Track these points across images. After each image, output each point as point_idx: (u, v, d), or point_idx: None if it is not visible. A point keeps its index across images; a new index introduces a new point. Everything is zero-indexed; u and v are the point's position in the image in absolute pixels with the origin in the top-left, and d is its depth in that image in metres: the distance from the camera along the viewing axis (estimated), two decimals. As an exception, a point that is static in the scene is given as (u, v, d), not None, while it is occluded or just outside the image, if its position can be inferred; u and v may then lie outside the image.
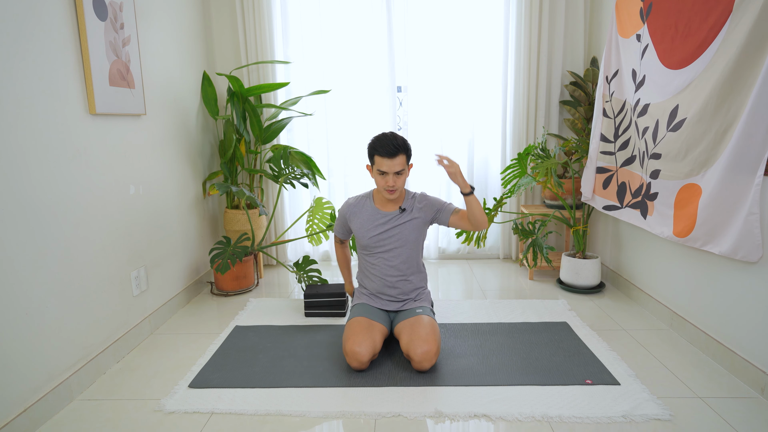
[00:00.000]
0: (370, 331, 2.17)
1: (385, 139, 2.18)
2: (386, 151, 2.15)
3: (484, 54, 3.62)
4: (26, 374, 1.79)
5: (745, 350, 2.05)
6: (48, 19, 1.93)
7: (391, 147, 2.15)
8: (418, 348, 2.08)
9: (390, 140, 2.17)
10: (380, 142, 2.19)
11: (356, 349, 2.09)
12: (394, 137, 2.19)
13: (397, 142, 2.17)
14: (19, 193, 1.77)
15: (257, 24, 3.46)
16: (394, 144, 2.16)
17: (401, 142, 2.19)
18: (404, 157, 2.19)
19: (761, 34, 1.82)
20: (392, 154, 2.15)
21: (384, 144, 2.17)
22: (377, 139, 2.21)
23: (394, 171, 2.17)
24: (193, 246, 3.22)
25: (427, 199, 2.34)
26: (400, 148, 2.17)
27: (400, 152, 2.17)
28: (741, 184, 1.95)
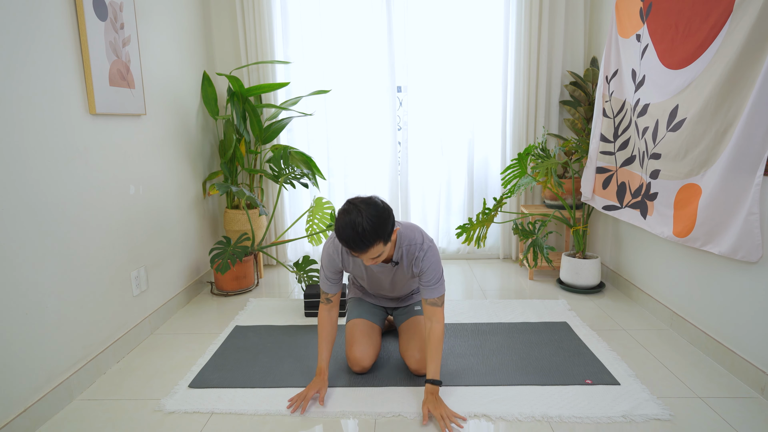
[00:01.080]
0: (371, 337, 2.15)
1: (347, 227, 1.67)
2: (350, 246, 1.70)
3: (484, 54, 3.62)
4: (26, 374, 1.79)
5: (745, 350, 2.05)
6: (48, 19, 1.93)
7: (354, 242, 1.68)
8: (413, 357, 2.07)
9: (352, 230, 1.66)
10: (340, 229, 1.69)
11: (358, 356, 2.09)
12: (360, 223, 1.65)
13: (363, 233, 1.65)
14: (19, 193, 1.77)
15: (257, 24, 3.46)
16: (359, 237, 1.66)
17: (369, 230, 1.66)
18: (379, 243, 1.71)
19: (761, 34, 1.82)
20: (358, 250, 1.71)
21: (345, 236, 1.68)
22: (338, 226, 1.69)
23: (370, 258, 1.76)
24: (193, 246, 3.22)
25: (422, 261, 1.90)
26: (370, 240, 1.68)
27: (371, 245, 1.69)
28: (741, 184, 1.95)
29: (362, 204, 1.72)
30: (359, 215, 1.67)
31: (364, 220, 1.66)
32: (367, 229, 1.66)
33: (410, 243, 1.92)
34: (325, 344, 2.01)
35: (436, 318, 1.90)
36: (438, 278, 1.90)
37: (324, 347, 2.01)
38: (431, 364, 1.89)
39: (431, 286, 1.90)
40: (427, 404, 1.83)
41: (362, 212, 1.68)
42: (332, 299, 2.04)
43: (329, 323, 2.03)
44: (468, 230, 3.22)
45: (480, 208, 3.80)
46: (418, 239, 1.92)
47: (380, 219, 1.70)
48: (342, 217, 1.70)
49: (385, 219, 1.72)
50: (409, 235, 1.93)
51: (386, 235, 1.72)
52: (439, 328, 1.89)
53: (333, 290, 2.03)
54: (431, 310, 1.90)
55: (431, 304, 1.90)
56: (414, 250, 1.92)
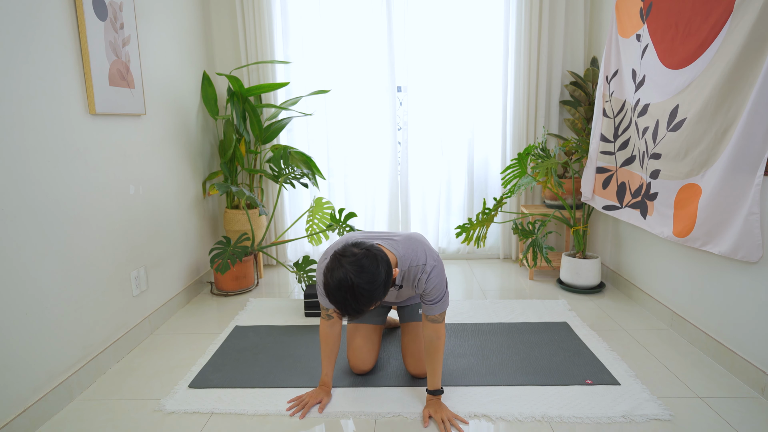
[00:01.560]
0: (371, 340, 2.15)
1: (341, 303, 1.52)
2: (347, 315, 1.57)
3: (484, 54, 3.62)
4: (26, 374, 1.79)
5: (745, 350, 2.05)
6: (48, 19, 1.93)
7: (351, 314, 1.55)
8: (412, 364, 2.07)
9: (347, 306, 1.52)
10: (333, 302, 1.54)
11: (359, 363, 2.10)
12: (354, 301, 1.50)
13: (359, 308, 1.52)
14: (19, 193, 1.77)
15: (257, 24, 3.46)
16: (355, 311, 1.53)
17: (365, 304, 1.52)
18: (378, 304, 1.59)
19: (761, 34, 1.82)
20: (358, 317, 1.57)
21: (340, 309, 1.54)
22: (329, 294, 1.53)
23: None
24: (193, 246, 3.22)
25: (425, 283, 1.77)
26: (368, 308, 1.55)
27: (370, 308, 1.56)
28: (741, 184, 1.95)
29: (351, 267, 1.51)
30: (352, 293, 1.49)
31: (360, 296, 1.50)
32: (363, 304, 1.51)
33: (411, 264, 1.78)
34: (327, 359, 1.96)
35: (436, 334, 1.82)
36: (440, 297, 1.79)
37: (327, 362, 1.96)
38: (432, 376, 1.85)
39: (433, 304, 1.79)
40: (428, 409, 1.83)
41: (355, 287, 1.49)
42: (333, 315, 1.92)
43: (332, 338, 1.94)
44: (468, 230, 3.22)
45: (480, 208, 3.80)
46: (421, 259, 1.77)
47: (375, 284, 1.52)
48: (335, 289, 1.51)
49: (380, 287, 1.53)
50: (411, 255, 1.77)
51: (383, 294, 1.56)
52: (439, 343, 1.82)
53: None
54: (432, 327, 1.82)
55: (432, 320, 1.82)
56: (416, 271, 1.78)
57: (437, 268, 1.77)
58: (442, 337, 1.83)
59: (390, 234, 1.88)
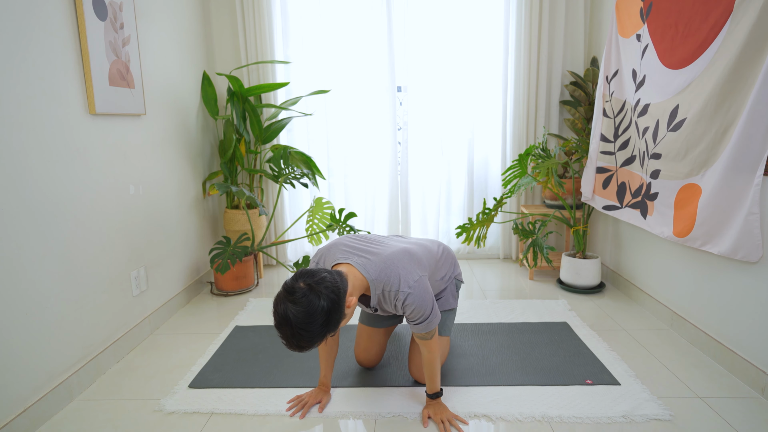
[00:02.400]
0: (377, 341, 2.15)
1: (286, 334, 1.44)
2: (293, 350, 1.48)
3: (484, 54, 3.62)
4: (26, 374, 1.79)
5: (745, 350, 2.05)
6: (48, 19, 1.93)
7: (296, 349, 1.46)
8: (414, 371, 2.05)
9: (292, 338, 1.43)
10: (279, 332, 1.45)
11: (363, 359, 2.16)
12: (294, 336, 1.42)
13: (300, 345, 1.44)
14: (19, 193, 1.77)
15: (257, 24, 3.46)
16: (297, 347, 1.45)
17: (305, 340, 1.43)
18: (328, 336, 1.49)
19: (761, 34, 1.82)
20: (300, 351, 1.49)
21: (287, 340, 1.45)
22: (274, 323, 1.46)
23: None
24: (193, 246, 3.22)
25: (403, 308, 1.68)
26: (315, 344, 1.47)
27: (314, 346, 1.47)
28: (741, 184, 1.95)
29: (294, 309, 1.41)
30: (290, 329, 1.42)
31: (298, 334, 1.42)
32: (306, 342, 1.44)
33: (384, 289, 1.68)
34: (326, 362, 1.95)
35: (427, 349, 1.77)
36: (425, 317, 1.69)
37: (325, 365, 1.96)
38: (430, 382, 1.83)
39: (417, 324, 1.71)
40: (428, 409, 1.83)
41: (293, 325, 1.41)
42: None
43: (329, 342, 1.93)
44: (468, 230, 3.22)
45: (480, 208, 3.80)
46: (395, 285, 1.66)
47: (313, 327, 1.42)
48: (275, 314, 1.45)
49: (324, 322, 1.44)
50: (384, 279, 1.67)
51: (327, 329, 1.46)
52: (432, 357, 1.79)
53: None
54: (421, 343, 1.78)
55: (420, 338, 1.76)
56: (390, 297, 1.68)
57: (413, 295, 1.65)
58: (435, 351, 1.78)
59: (375, 248, 1.78)
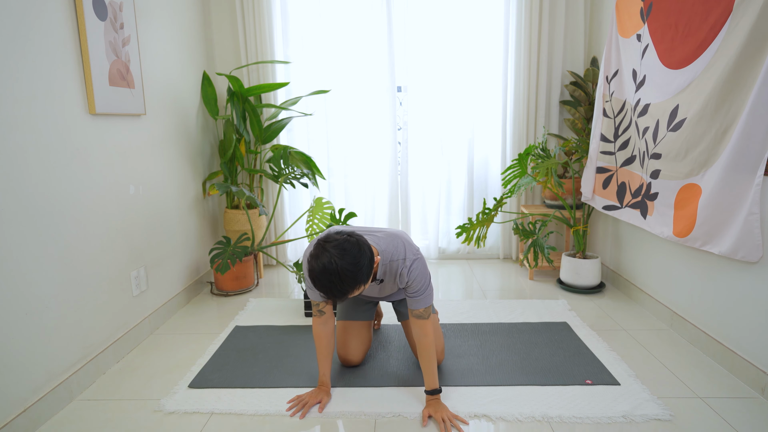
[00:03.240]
0: (359, 336, 2.17)
1: (326, 287, 1.55)
2: (331, 299, 1.61)
3: (484, 54, 3.62)
4: (26, 374, 1.79)
5: (745, 350, 2.05)
6: (48, 19, 1.93)
7: (335, 297, 1.57)
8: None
9: (332, 289, 1.55)
10: (319, 286, 1.57)
11: (348, 357, 2.16)
12: (339, 283, 1.54)
13: (344, 289, 1.55)
14: (19, 193, 1.77)
15: (257, 24, 3.46)
16: (340, 293, 1.56)
17: (350, 286, 1.55)
18: (361, 287, 1.60)
19: (761, 33, 1.82)
20: (341, 299, 1.61)
21: (325, 293, 1.57)
22: (314, 279, 1.57)
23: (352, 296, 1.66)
24: (193, 246, 3.22)
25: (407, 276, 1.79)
26: (352, 291, 1.58)
27: (352, 292, 1.59)
28: (741, 184, 1.95)
29: (337, 255, 1.54)
30: (338, 277, 1.53)
31: (345, 279, 1.53)
32: (347, 286, 1.55)
33: (392, 259, 1.81)
34: (324, 358, 1.96)
35: (423, 331, 1.83)
36: (424, 289, 1.80)
37: (324, 361, 1.96)
38: (427, 376, 1.84)
39: (416, 297, 1.81)
40: (428, 408, 1.83)
41: (340, 271, 1.53)
42: (324, 310, 1.92)
43: (325, 337, 1.94)
44: (468, 230, 3.22)
45: (480, 208, 3.80)
46: (401, 253, 1.80)
47: (360, 270, 1.56)
48: (320, 274, 1.55)
49: (363, 270, 1.57)
50: (391, 250, 1.81)
51: (366, 276, 1.60)
52: (427, 341, 1.83)
53: (322, 297, 1.89)
54: (418, 325, 1.83)
55: (417, 316, 1.83)
56: (396, 266, 1.81)
57: (417, 261, 1.80)
58: (430, 335, 1.83)
59: (372, 230, 1.91)
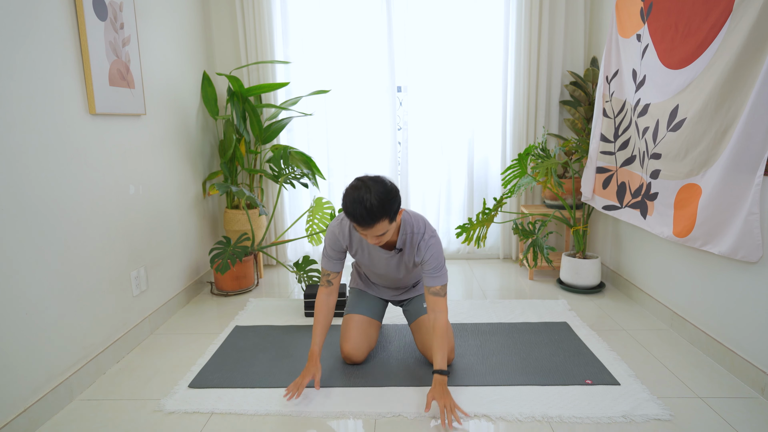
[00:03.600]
0: (366, 333, 2.19)
1: (355, 202, 1.72)
2: (357, 220, 1.74)
3: (484, 54, 3.62)
4: (26, 374, 1.79)
5: (745, 350, 2.05)
6: (48, 19, 1.93)
7: (362, 216, 1.72)
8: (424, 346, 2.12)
9: (360, 205, 1.71)
10: (348, 204, 1.74)
11: (350, 352, 2.15)
12: (368, 198, 1.70)
13: (371, 208, 1.70)
14: (19, 193, 1.77)
15: (257, 24, 3.46)
16: (366, 211, 1.70)
17: (377, 206, 1.70)
18: (385, 220, 1.75)
19: (761, 34, 1.82)
20: (365, 224, 1.74)
21: (353, 211, 1.73)
22: (346, 199, 1.76)
23: (375, 235, 1.79)
24: (193, 246, 3.22)
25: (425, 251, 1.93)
26: (376, 216, 1.72)
27: (377, 220, 1.73)
28: (741, 184, 1.95)
29: (371, 181, 1.77)
30: (368, 192, 1.72)
31: (372, 196, 1.71)
32: (374, 204, 1.70)
33: (413, 231, 1.96)
34: (320, 329, 2.03)
35: (439, 308, 1.93)
36: (440, 266, 1.94)
37: (318, 332, 2.02)
38: (438, 355, 1.89)
39: (433, 275, 1.93)
40: (433, 393, 1.82)
41: (371, 189, 1.73)
42: (332, 281, 2.05)
43: (326, 308, 2.04)
44: (468, 230, 3.22)
45: (480, 208, 3.80)
46: (422, 229, 1.96)
47: (388, 196, 1.74)
48: (351, 192, 1.75)
49: (392, 197, 1.76)
50: (414, 223, 1.97)
51: (392, 213, 1.77)
52: (443, 318, 1.93)
53: (335, 268, 2.05)
54: (434, 301, 1.94)
55: (434, 293, 1.94)
56: (417, 238, 1.95)
57: (435, 238, 1.96)
58: (445, 311, 1.95)
59: None
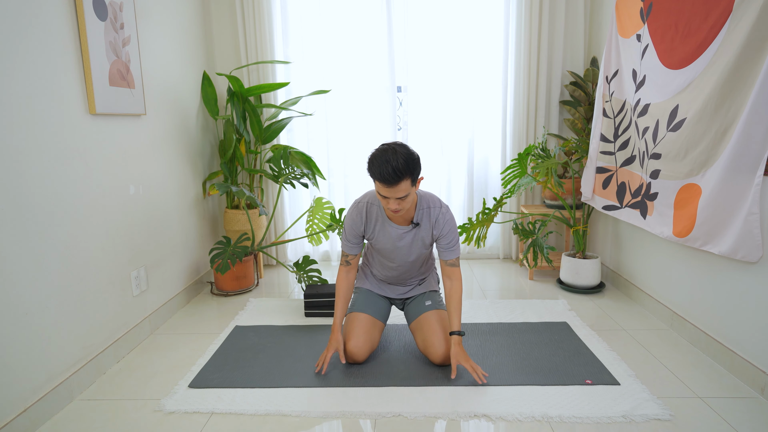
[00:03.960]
0: (370, 333, 2.20)
1: (382, 162, 1.84)
2: (383, 178, 1.84)
3: (484, 54, 3.62)
4: (26, 374, 1.79)
5: (745, 350, 2.05)
6: (48, 19, 1.93)
7: (388, 174, 1.82)
8: (436, 353, 2.13)
9: (387, 164, 1.82)
10: (375, 164, 1.86)
11: (354, 351, 2.16)
12: (394, 158, 1.82)
13: (397, 166, 1.81)
14: (19, 193, 1.77)
15: (257, 24, 3.46)
16: (392, 169, 1.82)
17: (402, 164, 1.82)
18: (408, 180, 1.86)
19: (761, 33, 1.82)
20: (390, 182, 1.84)
21: (380, 169, 1.84)
22: (373, 160, 1.88)
23: (396, 197, 1.89)
24: (193, 246, 3.22)
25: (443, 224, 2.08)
26: (401, 174, 1.83)
27: (402, 178, 1.84)
28: (741, 184, 1.95)
29: (396, 145, 1.91)
30: (394, 153, 1.85)
31: (398, 156, 1.84)
32: (401, 162, 1.83)
33: (430, 205, 2.10)
34: (341, 303, 2.20)
35: (456, 276, 2.13)
36: (456, 240, 2.12)
37: (340, 306, 2.20)
38: (454, 318, 2.08)
39: (450, 248, 2.12)
40: (457, 357, 2.02)
41: (396, 150, 1.86)
42: (351, 262, 2.22)
43: (346, 283, 2.22)
44: (468, 230, 3.22)
45: (480, 208, 3.80)
46: (437, 203, 2.11)
47: (412, 158, 1.88)
48: (379, 154, 1.88)
49: (416, 160, 1.90)
50: (429, 198, 2.12)
51: (415, 175, 1.90)
52: (459, 285, 2.13)
53: (354, 251, 2.21)
54: (450, 271, 2.13)
55: (450, 265, 2.13)
56: (434, 212, 2.09)
57: (451, 213, 2.13)
58: (461, 279, 2.15)
59: None
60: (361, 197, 2.18)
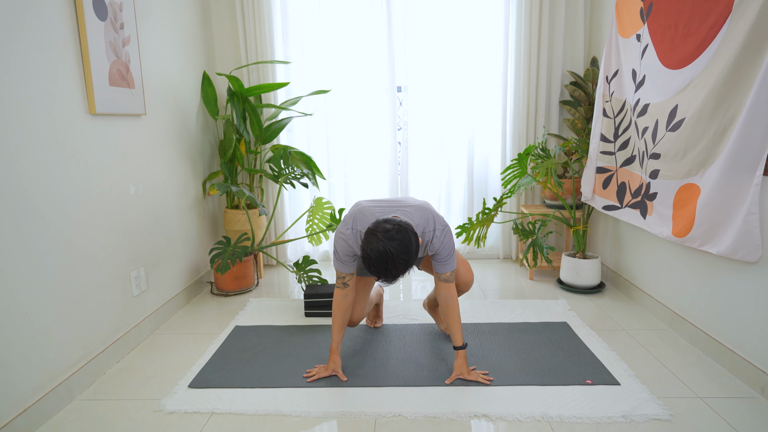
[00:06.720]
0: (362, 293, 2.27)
1: (381, 270, 1.77)
2: (383, 281, 1.83)
3: (484, 54, 3.62)
4: (26, 374, 1.79)
5: (745, 350, 2.05)
6: (48, 19, 1.93)
7: (388, 280, 1.81)
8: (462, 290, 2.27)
9: (386, 272, 1.77)
10: (374, 270, 1.78)
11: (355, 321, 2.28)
12: (393, 267, 1.75)
13: (397, 274, 1.78)
14: (19, 193, 1.77)
15: (257, 24, 3.46)
16: (393, 277, 1.79)
17: (402, 270, 1.78)
18: (410, 269, 1.85)
19: (760, 33, 1.82)
20: (391, 283, 1.87)
21: (378, 274, 1.79)
22: (370, 264, 1.77)
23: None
24: (193, 246, 3.22)
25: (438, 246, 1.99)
26: (402, 275, 1.81)
27: (404, 275, 1.86)
28: (740, 183, 1.95)
29: (392, 246, 1.74)
30: (393, 262, 1.74)
31: (397, 264, 1.75)
32: (400, 270, 1.77)
33: (423, 231, 1.98)
34: (338, 327, 2.12)
35: (450, 293, 2.06)
36: (449, 255, 2.02)
37: (337, 330, 2.12)
38: (455, 333, 2.06)
39: (443, 262, 2.03)
40: (461, 370, 2.06)
41: (395, 256, 1.74)
42: (348, 283, 2.08)
43: (344, 308, 2.10)
44: (468, 230, 3.22)
45: (480, 208, 3.80)
46: (431, 225, 1.98)
47: (410, 258, 1.77)
48: (376, 259, 1.74)
49: (413, 256, 1.79)
50: (422, 224, 1.97)
51: (415, 259, 1.82)
52: (454, 302, 2.07)
53: (349, 270, 2.06)
54: (444, 286, 2.06)
55: (444, 280, 2.05)
56: (427, 236, 1.99)
57: (445, 231, 2.00)
58: (455, 296, 2.08)
59: (401, 205, 2.03)
60: (343, 227, 2.00)
